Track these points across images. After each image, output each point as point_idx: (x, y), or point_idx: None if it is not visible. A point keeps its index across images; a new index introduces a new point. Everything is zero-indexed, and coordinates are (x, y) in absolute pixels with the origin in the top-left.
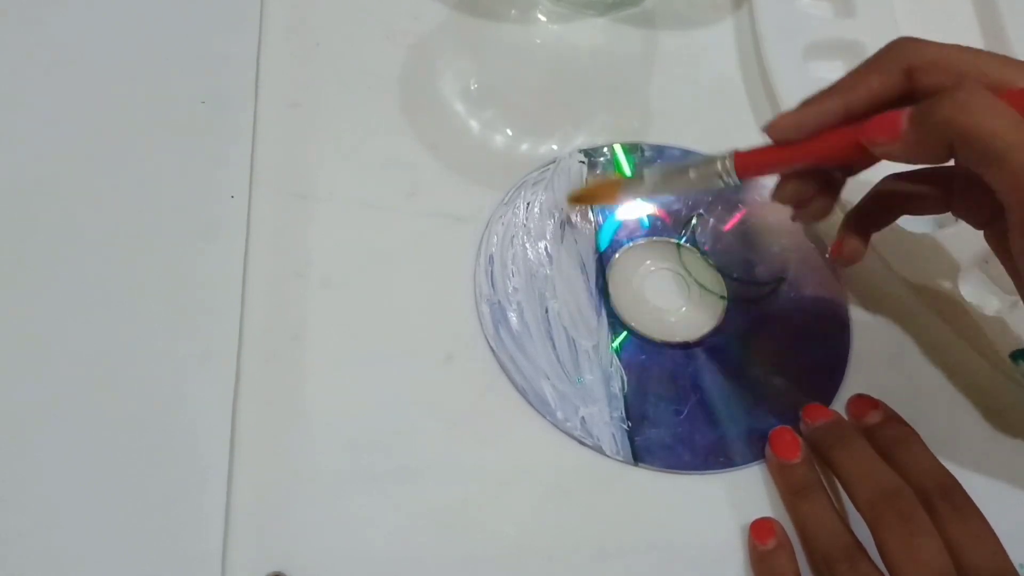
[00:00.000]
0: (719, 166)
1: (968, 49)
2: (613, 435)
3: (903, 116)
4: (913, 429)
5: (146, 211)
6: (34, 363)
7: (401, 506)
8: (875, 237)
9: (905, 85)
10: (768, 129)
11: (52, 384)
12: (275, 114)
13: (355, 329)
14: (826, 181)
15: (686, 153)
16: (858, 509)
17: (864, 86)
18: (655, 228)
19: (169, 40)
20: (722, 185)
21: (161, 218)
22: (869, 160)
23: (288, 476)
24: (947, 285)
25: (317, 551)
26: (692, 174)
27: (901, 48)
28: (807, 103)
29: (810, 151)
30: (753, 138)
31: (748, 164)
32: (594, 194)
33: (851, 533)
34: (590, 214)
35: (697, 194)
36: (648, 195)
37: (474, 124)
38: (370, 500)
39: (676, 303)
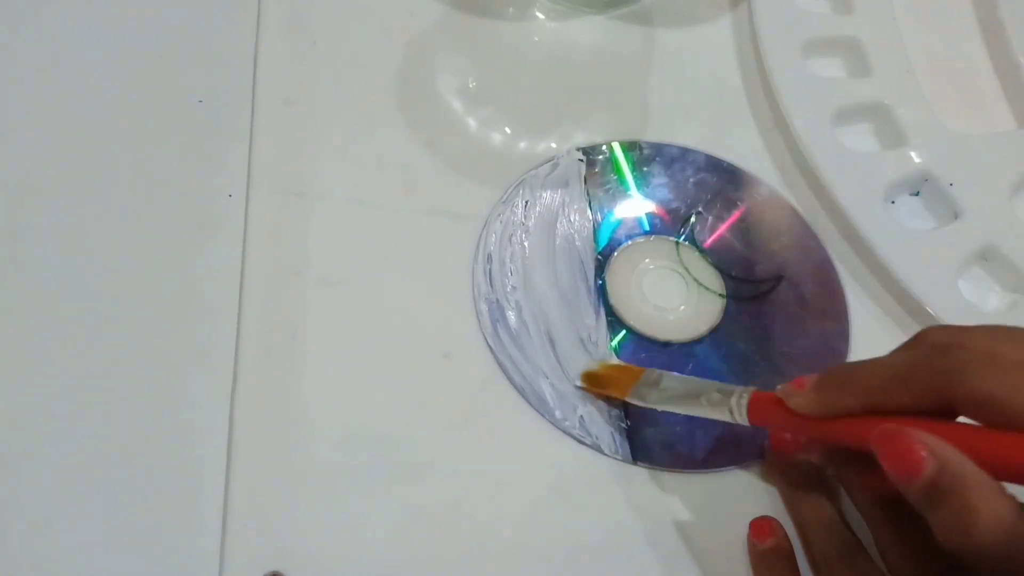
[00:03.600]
0: (732, 403)
1: None
2: (612, 434)
3: (922, 474)
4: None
5: (144, 210)
6: (31, 362)
7: (399, 505)
8: (874, 236)
9: (942, 411)
10: (781, 394)
11: (49, 383)
12: (272, 112)
13: (353, 327)
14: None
15: (684, 151)
16: (857, 506)
17: (889, 399)
18: (654, 226)
19: (166, 39)
20: (731, 421)
21: (159, 217)
22: None
23: (286, 475)
24: (947, 283)
25: (315, 550)
26: (705, 401)
27: (945, 371)
28: (826, 385)
29: (820, 431)
30: (752, 137)
31: (758, 415)
32: (607, 380)
33: (851, 532)
34: (588, 212)
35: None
36: (659, 404)
37: (472, 122)
38: (368, 499)
39: (675, 301)
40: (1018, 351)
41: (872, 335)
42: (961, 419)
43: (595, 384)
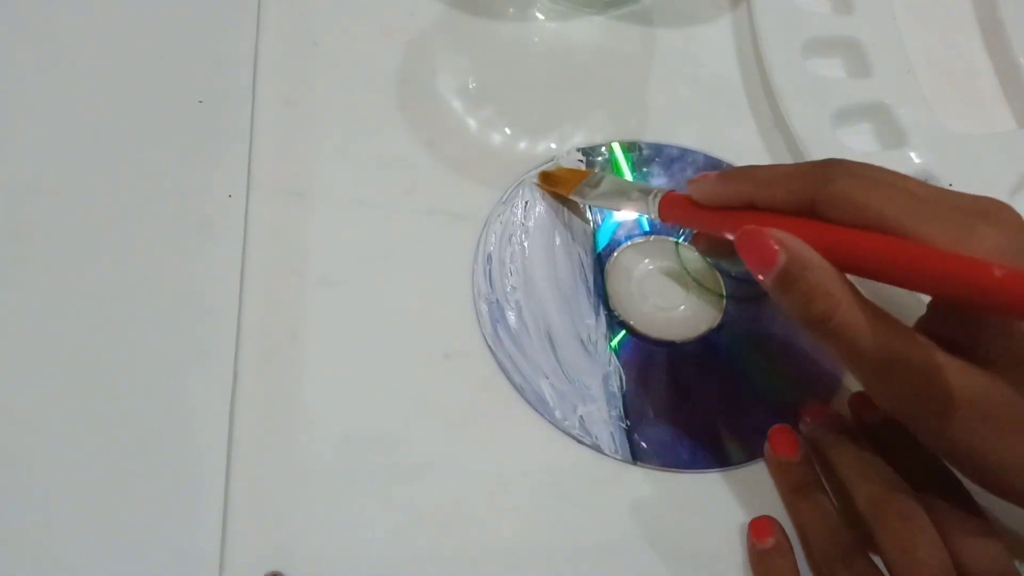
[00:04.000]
0: (650, 199)
1: (885, 188)
2: (612, 434)
3: (775, 265)
4: None
5: (143, 210)
6: (31, 362)
7: (399, 505)
8: None
9: (809, 209)
10: (689, 184)
11: (49, 383)
12: (272, 112)
13: (353, 327)
14: None
15: (684, 152)
16: (858, 508)
17: (770, 192)
18: (653, 227)
19: (166, 39)
20: (648, 215)
21: (159, 217)
22: None
23: (286, 475)
24: None
25: (315, 550)
26: (632, 197)
27: (820, 174)
28: (724, 175)
29: (712, 222)
30: (752, 137)
31: (668, 210)
32: (558, 179)
33: (850, 532)
34: (588, 213)
35: (633, 214)
36: (595, 200)
37: (472, 122)
38: (368, 499)
39: (675, 301)
40: (879, 171)
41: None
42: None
43: (548, 182)
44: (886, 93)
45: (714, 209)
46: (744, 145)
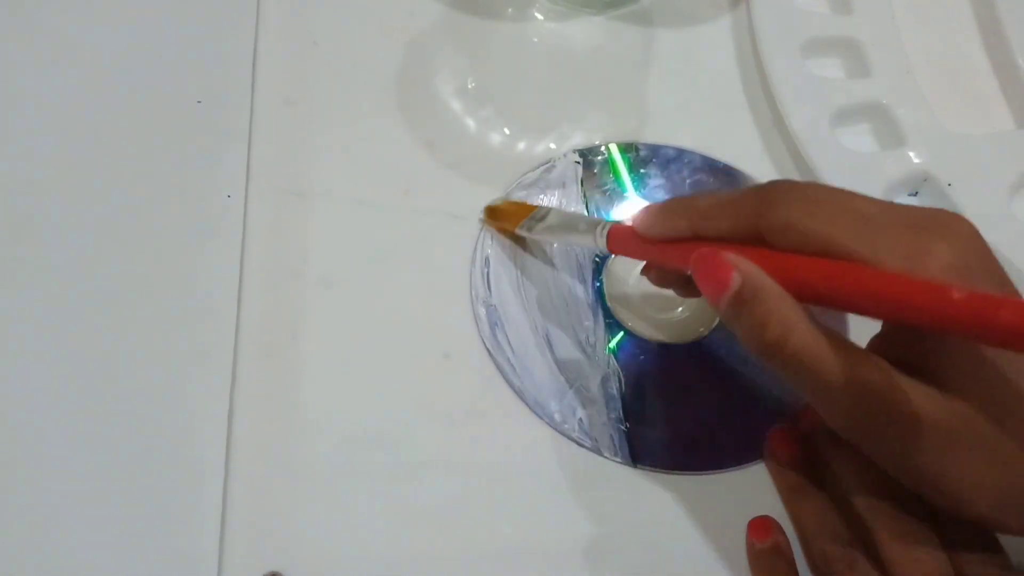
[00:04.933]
0: (597, 232)
1: (831, 212)
2: (611, 436)
3: (729, 288)
4: None
5: (142, 210)
6: (30, 362)
7: (398, 505)
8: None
9: (755, 237)
10: (632, 219)
11: (48, 383)
12: (271, 112)
13: (352, 327)
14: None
15: (681, 152)
16: (856, 508)
17: (713, 223)
18: None
19: (165, 39)
20: (596, 248)
21: (157, 217)
22: None
23: (285, 475)
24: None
25: (314, 550)
26: (579, 229)
27: (763, 200)
28: (666, 207)
29: (656, 254)
30: (751, 138)
31: (615, 244)
32: (504, 213)
33: (849, 532)
34: (585, 213)
35: (579, 248)
36: (541, 235)
37: (471, 122)
38: (367, 499)
39: (673, 303)
40: (822, 190)
41: (869, 333)
42: None
43: (494, 217)
44: (885, 93)
45: (661, 241)
46: (743, 145)
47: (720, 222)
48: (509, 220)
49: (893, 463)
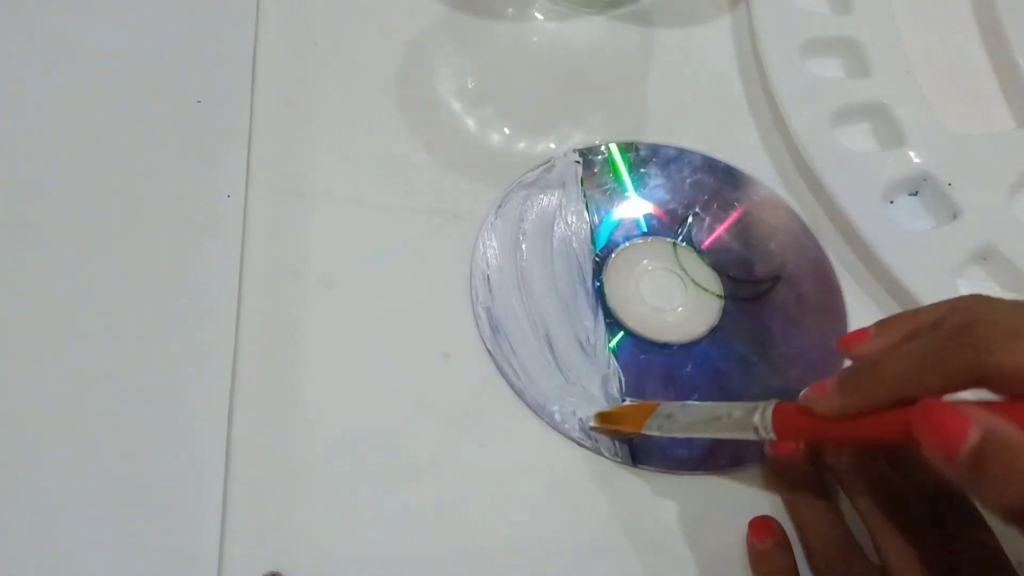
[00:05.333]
0: (756, 419)
1: None
2: (612, 437)
3: (968, 441)
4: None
5: (142, 210)
6: (30, 362)
7: (398, 505)
8: (873, 236)
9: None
10: (806, 402)
11: (48, 383)
12: (271, 112)
13: (352, 327)
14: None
15: (681, 152)
16: (857, 509)
17: (922, 385)
18: (651, 228)
19: (165, 39)
20: (756, 439)
21: (157, 217)
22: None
23: (284, 475)
24: (945, 283)
25: (314, 550)
26: (726, 422)
27: (974, 347)
28: (851, 382)
29: (854, 432)
30: (751, 137)
31: (786, 426)
32: (622, 417)
33: (850, 533)
34: (585, 214)
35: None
36: (679, 432)
37: (471, 122)
38: (366, 499)
39: (673, 302)
40: None
41: None
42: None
43: (608, 422)
44: (885, 93)
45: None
46: (743, 145)
47: (929, 382)
48: (626, 423)
49: None
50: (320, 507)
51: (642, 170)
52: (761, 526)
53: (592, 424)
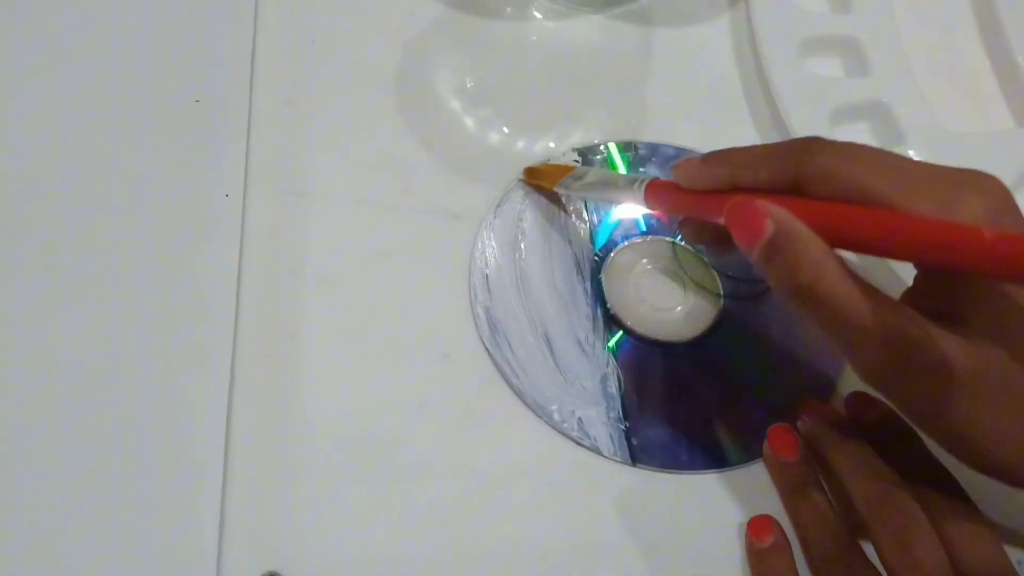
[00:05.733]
0: (635, 187)
1: (869, 162)
2: (611, 435)
3: (763, 234)
4: (911, 426)
5: (141, 209)
6: (28, 362)
7: (397, 505)
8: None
9: (792, 187)
10: (673, 168)
11: (46, 382)
12: (270, 112)
13: (351, 327)
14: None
15: (680, 151)
16: (855, 506)
17: (752, 172)
18: (650, 227)
19: (163, 38)
20: (634, 203)
21: (156, 217)
22: None
23: (283, 475)
24: None
25: (312, 550)
26: (618, 185)
27: (802, 151)
28: (707, 158)
29: (697, 206)
30: (750, 137)
31: (653, 197)
32: (543, 173)
33: (848, 532)
34: (584, 213)
35: (618, 204)
36: (579, 191)
37: (470, 122)
38: (366, 499)
39: (672, 302)
40: (860, 145)
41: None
42: None
43: (533, 176)
44: (884, 92)
45: (699, 193)
46: (742, 144)
47: (759, 171)
48: (547, 179)
49: (920, 413)
50: (319, 507)
51: (641, 169)
52: (760, 525)
53: (520, 177)
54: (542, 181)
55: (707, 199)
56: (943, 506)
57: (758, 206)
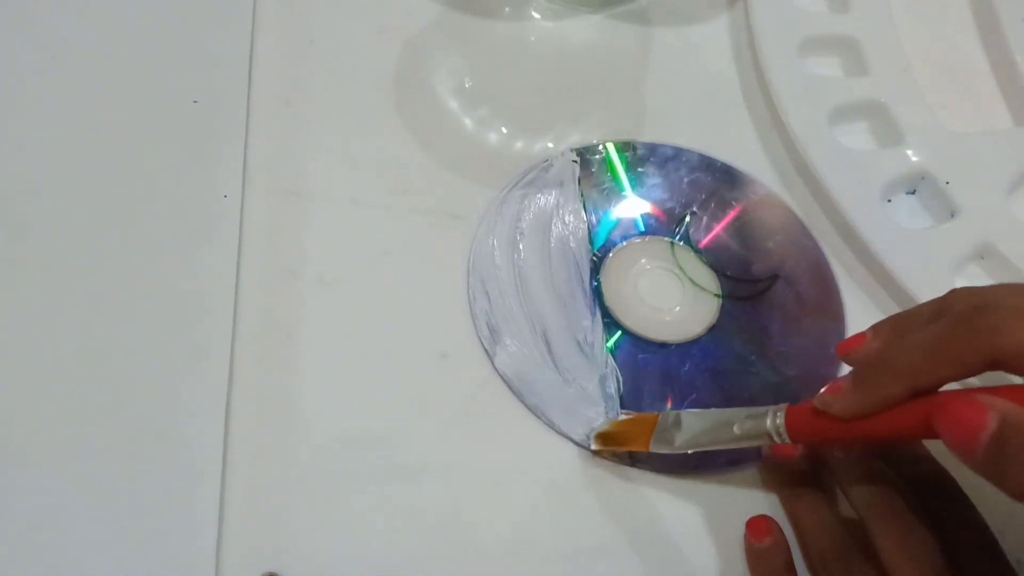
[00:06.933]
0: (768, 423)
1: None
2: None
3: (986, 429)
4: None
5: (139, 210)
6: (27, 362)
7: (395, 506)
8: (871, 234)
9: (986, 370)
10: (823, 405)
11: (45, 383)
12: (268, 112)
13: (349, 327)
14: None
15: (679, 151)
16: (853, 506)
17: (936, 375)
18: (649, 227)
19: (161, 38)
20: (771, 443)
21: (154, 217)
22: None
23: (282, 475)
24: (944, 281)
25: (311, 551)
26: (737, 429)
27: (984, 331)
28: (864, 380)
29: (873, 429)
30: (749, 136)
31: (800, 429)
32: (625, 436)
33: (848, 533)
34: (583, 213)
35: (739, 448)
36: (687, 445)
37: (468, 122)
38: (364, 499)
39: (671, 302)
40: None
41: None
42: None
43: (611, 443)
44: (883, 92)
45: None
46: (741, 144)
47: (943, 370)
48: (632, 442)
49: None
50: (318, 508)
51: (640, 169)
52: (758, 525)
53: (594, 447)
54: (627, 446)
55: (882, 419)
56: (943, 508)
57: (972, 399)
